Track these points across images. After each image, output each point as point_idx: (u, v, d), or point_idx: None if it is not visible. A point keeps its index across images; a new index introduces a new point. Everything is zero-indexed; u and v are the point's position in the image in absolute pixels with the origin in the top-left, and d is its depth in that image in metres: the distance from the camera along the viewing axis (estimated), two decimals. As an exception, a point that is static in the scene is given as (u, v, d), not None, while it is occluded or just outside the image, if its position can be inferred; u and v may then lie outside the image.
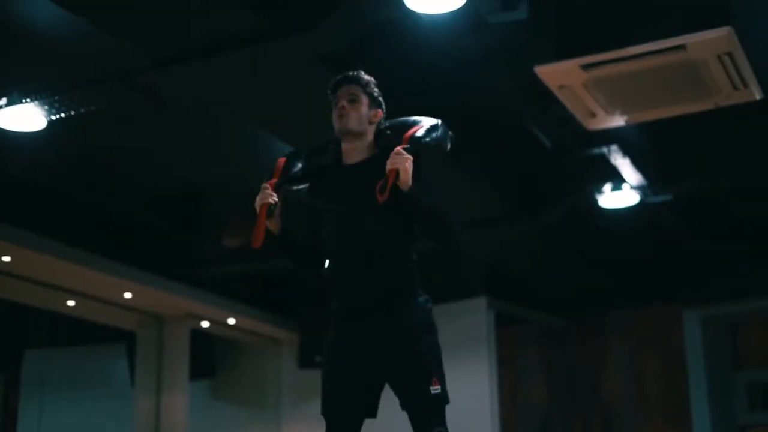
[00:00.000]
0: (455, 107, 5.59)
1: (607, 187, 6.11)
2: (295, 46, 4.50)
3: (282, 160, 3.04)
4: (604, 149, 5.57)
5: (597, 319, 9.00)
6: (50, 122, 5.07)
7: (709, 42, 4.15)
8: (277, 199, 2.93)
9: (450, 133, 2.98)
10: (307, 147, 3.13)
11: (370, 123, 2.97)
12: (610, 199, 6.20)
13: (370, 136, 2.98)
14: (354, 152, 2.97)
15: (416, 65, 4.98)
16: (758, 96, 4.64)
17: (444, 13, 4.20)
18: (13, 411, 9.26)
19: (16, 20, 4.66)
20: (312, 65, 4.63)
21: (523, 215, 6.74)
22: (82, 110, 4.98)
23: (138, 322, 8.37)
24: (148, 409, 8.18)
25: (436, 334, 2.90)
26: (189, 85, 5.03)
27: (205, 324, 8.47)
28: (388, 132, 2.98)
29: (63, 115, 4.99)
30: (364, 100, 2.97)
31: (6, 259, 6.74)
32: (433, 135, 2.92)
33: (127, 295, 7.71)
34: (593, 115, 4.82)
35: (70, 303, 7.79)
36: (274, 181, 2.99)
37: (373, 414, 2.90)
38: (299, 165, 3.05)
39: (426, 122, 2.95)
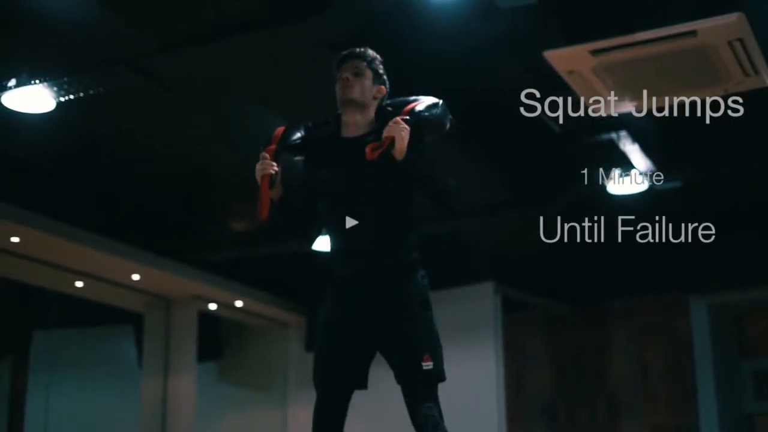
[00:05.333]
0: (463, 92, 5.58)
1: (616, 173, 6.09)
2: (302, 31, 4.50)
3: (280, 129, 3.05)
4: (613, 135, 5.56)
5: (604, 306, 9.00)
6: (59, 104, 5.07)
7: (719, 28, 4.13)
8: (277, 168, 2.94)
9: (450, 114, 3.00)
10: (307, 120, 3.13)
11: (373, 98, 3.00)
12: (619, 185, 6.18)
13: (372, 112, 3.00)
14: (354, 126, 2.98)
15: (424, 50, 4.96)
16: (769, 82, 4.62)
17: (453, -3, 4.19)
18: (21, 392, 9.30)
19: (26, 2, 4.66)
20: (319, 50, 4.62)
21: (530, 201, 6.73)
22: (91, 92, 4.98)
23: (146, 303, 8.40)
24: (155, 391, 8.22)
25: (432, 311, 2.90)
26: (197, 69, 5.03)
27: (212, 306, 8.49)
28: (390, 108, 3.00)
29: (72, 96, 4.99)
30: (368, 74, 3.01)
31: (15, 240, 6.76)
32: (433, 111, 2.94)
33: (135, 277, 7.74)
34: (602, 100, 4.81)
35: (79, 284, 7.82)
36: (272, 147, 2.98)
37: (363, 385, 2.93)
38: (298, 134, 3.05)
39: (427, 100, 2.98)
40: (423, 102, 2.97)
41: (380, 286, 2.86)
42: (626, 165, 6.01)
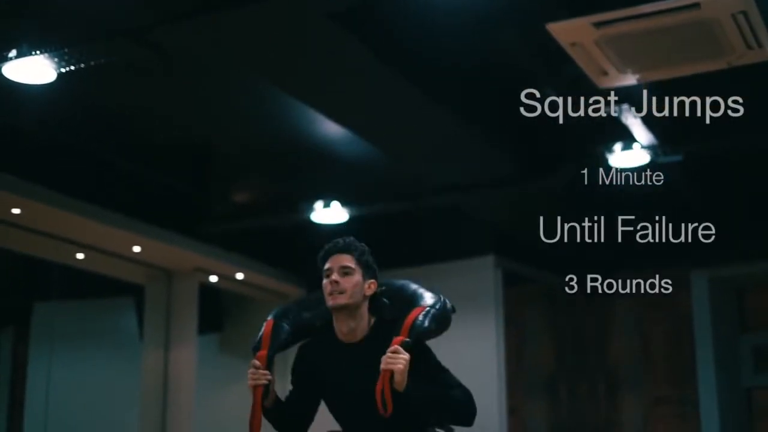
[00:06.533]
0: (465, 65, 5.57)
1: (618, 146, 6.08)
2: (305, 2, 4.47)
3: (269, 325, 2.93)
4: (615, 108, 5.54)
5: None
6: (60, 75, 5.05)
7: (723, 0, 4.11)
8: (270, 377, 2.82)
9: (450, 305, 2.86)
10: (295, 303, 3.03)
11: (364, 296, 2.83)
12: (621, 158, 6.18)
13: (365, 310, 2.85)
14: (350, 333, 2.84)
15: (427, 23, 4.94)
16: (772, 56, 4.60)
17: (456, -31, 4.16)
18: (22, 364, 9.34)
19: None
20: (322, 22, 4.60)
21: (532, 174, 6.73)
22: (92, 63, 4.95)
23: (147, 275, 8.41)
24: (155, 363, 8.25)
25: None
26: (198, 41, 5.00)
27: (213, 278, 8.50)
28: (385, 300, 2.87)
29: (73, 67, 4.97)
30: (358, 271, 2.83)
31: (16, 211, 6.75)
32: (432, 314, 2.79)
33: (136, 249, 7.74)
34: (605, 73, 4.80)
35: (80, 256, 7.82)
36: (263, 353, 2.85)
37: None
38: (286, 327, 2.93)
39: (425, 298, 2.84)
40: (423, 305, 2.80)
41: None
42: (628, 138, 6.00)
